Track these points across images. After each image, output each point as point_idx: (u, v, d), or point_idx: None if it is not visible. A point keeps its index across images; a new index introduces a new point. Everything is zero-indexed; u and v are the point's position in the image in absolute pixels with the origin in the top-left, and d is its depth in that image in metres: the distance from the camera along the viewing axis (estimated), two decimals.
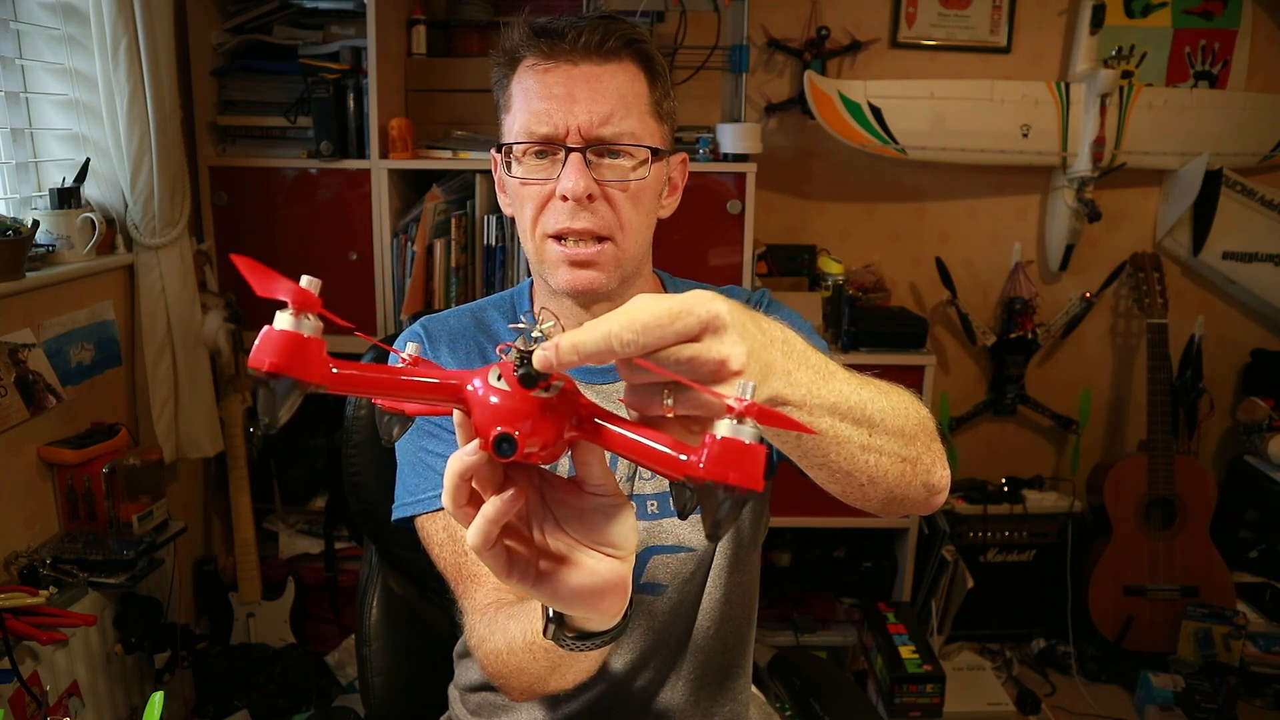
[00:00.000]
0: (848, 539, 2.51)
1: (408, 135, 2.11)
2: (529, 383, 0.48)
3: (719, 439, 0.45)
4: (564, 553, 0.55)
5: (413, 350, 0.54)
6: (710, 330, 0.49)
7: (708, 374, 0.49)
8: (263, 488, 2.29)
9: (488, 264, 2.15)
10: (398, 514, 0.98)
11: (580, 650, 0.62)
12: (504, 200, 1.01)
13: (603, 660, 0.76)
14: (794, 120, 2.56)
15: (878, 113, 2.42)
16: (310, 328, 0.44)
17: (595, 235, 0.91)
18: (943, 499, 0.79)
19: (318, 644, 2.30)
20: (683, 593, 1.00)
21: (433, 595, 1.26)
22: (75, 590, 1.64)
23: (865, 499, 0.72)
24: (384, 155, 2.10)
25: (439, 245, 2.13)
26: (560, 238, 0.91)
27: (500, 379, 0.50)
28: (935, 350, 2.65)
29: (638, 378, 0.49)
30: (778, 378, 0.55)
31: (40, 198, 1.80)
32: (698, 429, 0.48)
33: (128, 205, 1.87)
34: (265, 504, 2.32)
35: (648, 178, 0.92)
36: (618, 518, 0.54)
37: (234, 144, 2.21)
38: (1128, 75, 2.47)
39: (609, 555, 0.55)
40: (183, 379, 2.00)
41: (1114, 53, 2.47)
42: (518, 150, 0.92)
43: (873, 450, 0.67)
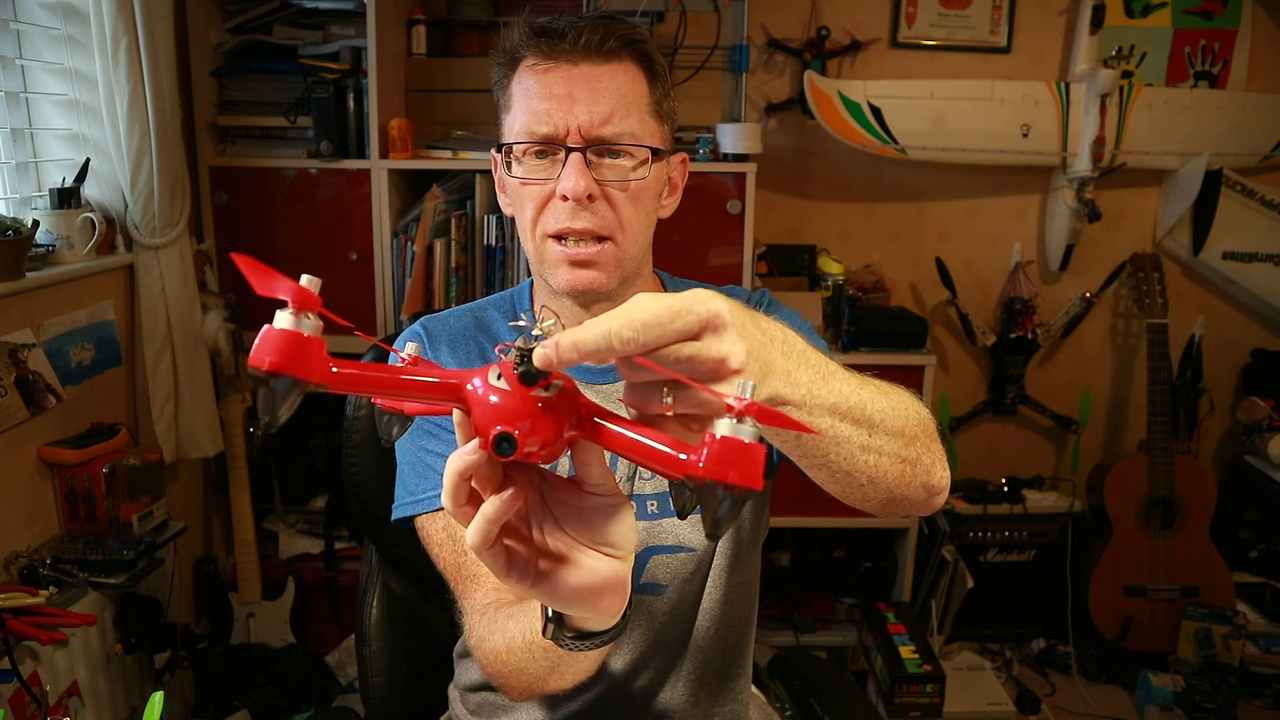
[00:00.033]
0: (848, 539, 2.50)
1: (408, 135, 2.11)
2: (529, 380, 0.48)
3: (719, 438, 0.45)
4: (563, 552, 0.55)
5: (412, 350, 0.54)
6: (710, 329, 0.49)
7: (707, 372, 0.49)
8: (263, 488, 2.29)
9: (488, 264, 2.15)
10: (397, 514, 0.98)
11: (579, 650, 0.62)
12: (504, 200, 1.01)
13: (602, 660, 0.76)
14: (794, 120, 2.56)
15: (878, 113, 2.42)
16: (310, 327, 0.44)
17: (595, 235, 0.91)
18: (942, 500, 0.79)
19: (318, 644, 2.30)
20: (683, 593, 1.00)
21: (433, 595, 1.26)
22: (75, 590, 1.64)
23: (865, 499, 0.72)
24: (384, 155, 2.11)
25: (439, 245, 2.13)
26: (560, 238, 0.91)
27: (500, 378, 0.50)
28: (935, 350, 2.65)
29: (637, 376, 0.49)
30: (777, 377, 0.55)
31: (40, 198, 1.80)
32: (697, 427, 0.48)
33: (128, 205, 1.88)
34: (265, 504, 2.32)
35: (648, 178, 0.92)
36: (617, 517, 0.54)
37: (234, 144, 2.21)
38: (1128, 75, 2.47)
39: (608, 555, 0.55)
40: (183, 379, 2.00)
41: (1114, 53, 2.47)
42: (518, 150, 0.92)
43: (872, 451, 0.67)
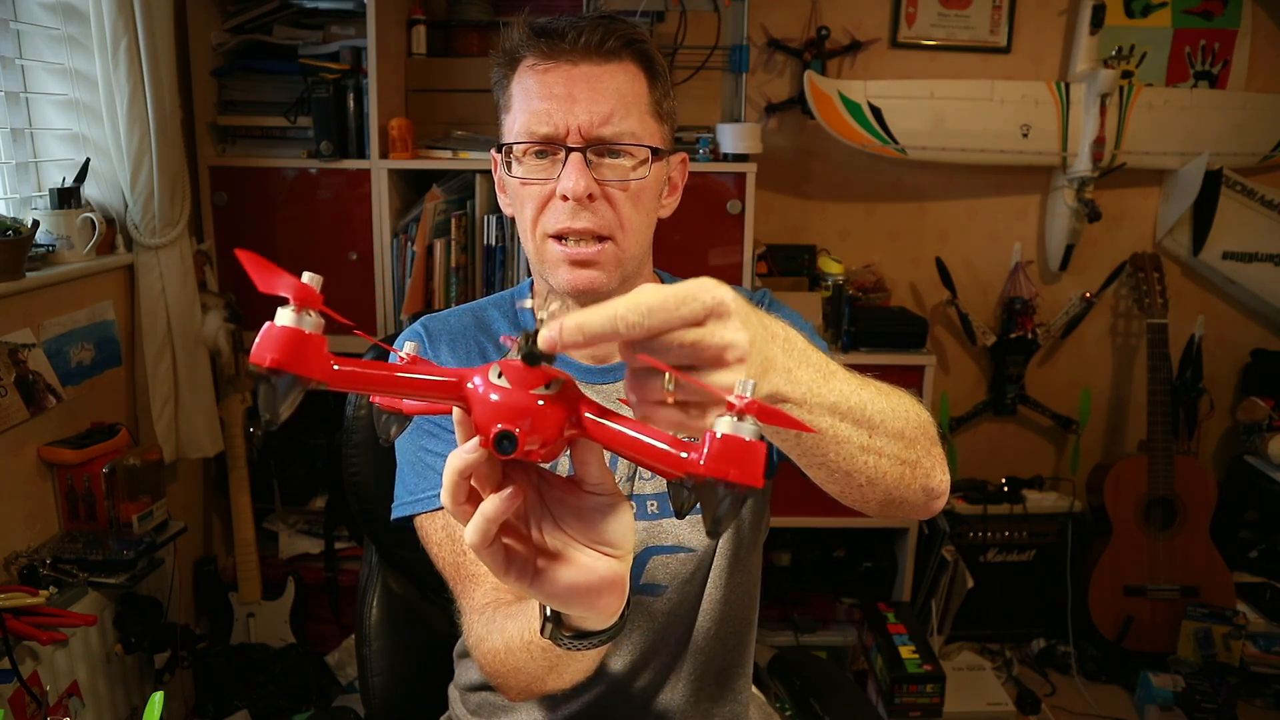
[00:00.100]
0: (848, 539, 2.50)
1: (408, 135, 2.11)
2: (533, 361, 0.48)
3: (719, 436, 0.45)
4: (562, 551, 0.55)
5: (411, 349, 0.54)
6: (714, 316, 0.49)
7: (710, 359, 0.49)
8: (263, 488, 2.29)
9: (488, 264, 2.15)
10: (397, 513, 0.98)
11: (578, 649, 0.62)
12: (504, 200, 1.01)
13: (600, 660, 0.76)
14: (794, 120, 2.56)
15: (878, 113, 2.42)
16: (311, 324, 0.44)
17: (596, 235, 0.91)
18: (941, 504, 0.79)
19: (318, 644, 2.30)
20: (682, 593, 1.00)
21: (433, 595, 1.26)
22: (75, 590, 1.64)
23: (864, 500, 0.72)
24: (384, 155, 2.10)
25: (439, 245, 2.13)
26: (561, 237, 0.91)
27: (500, 376, 0.49)
28: (935, 350, 2.65)
29: (640, 361, 0.49)
30: (778, 374, 0.55)
31: (40, 198, 1.80)
32: (697, 414, 0.48)
33: (128, 205, 1.88)
34: (265, 504, 2.32)
35: (648, 177, 0.93)
36: (615, 517, 0.54)
37: (234, 144, 2.21)
38: (1128, 75, 2.47)
39: (607, 554, 0.55)
40: (183, 379, 2.00)
41: (1114, 53, 2.47)
42: (518, 150, 0.92)
43: (872, 451, 0.67)
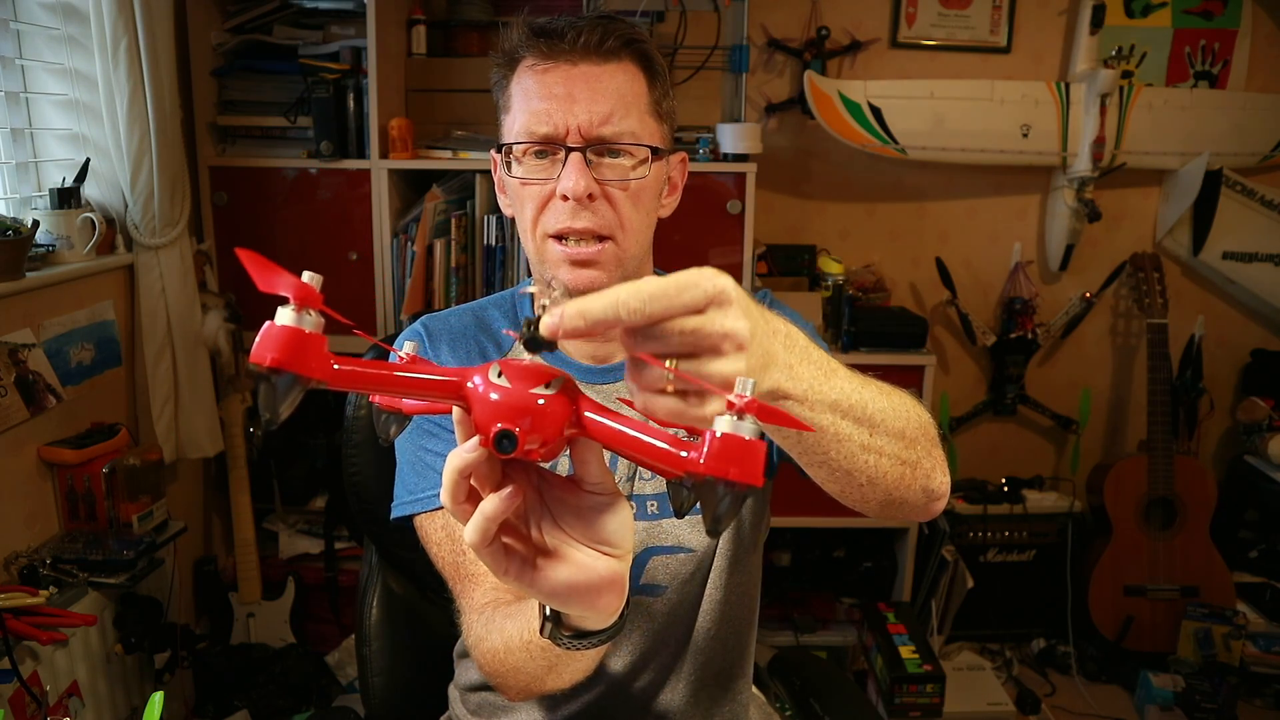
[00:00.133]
0: (848, 539, 2.50)
1: (408, 135, 2.11)
2: (534, 348, 0.48)
3: (719, 435, 0.45)
4: (561, 550, 0.55)
5: (410, 349, 0.54)
6: (715, 303, 0.49)
7: (711, 346, 0.49)
8: (263, 488, 2.29)
9: (488, 264, 2.15)
10: (396, 512, 0.98)
11: (577, 649, 0.62)
12: (504, 201, 1.01)
13: (600, 660, 0.76)
14: (794, 120, 2.56)
15: (878, 113, 2.42)
16: (312, 323, 0.44)
17: (596, 234, 0.91)
18: (942, 506, 0.79)
19: (318, 644, 2.30)
20: (682, 594, 1.00)
21: (433, 595, 1.26)
22: (75, 590, 1.64)
23: (864, 500, 0.72)
24: (384, 155, 2.10)
25: (439, 245, 2.13)
26: (561, 237, 0.91)
27: (500, 375, 0.50)
28: (935, 350, 2.65)
29: (640, 348, 0.49)
30: (779, 369, 0.55)
31: (40, 198, 1.80)
32: (697, 402, 0.49)
33: (128, 205, 1.88)
34: (265, 504, 2.32)
35: (648, 176, 0.92)
36: (615, 516, 0.54)
37: (234, 144, 2.21)
38: (1128, 75, 2.47)
39: (606, 553, 0.55)
40: (183, 379, 2.00)
41: (1114, 53, 2.47)
42: (518, 150, 0.92)
43: (873, 450, 0.67)
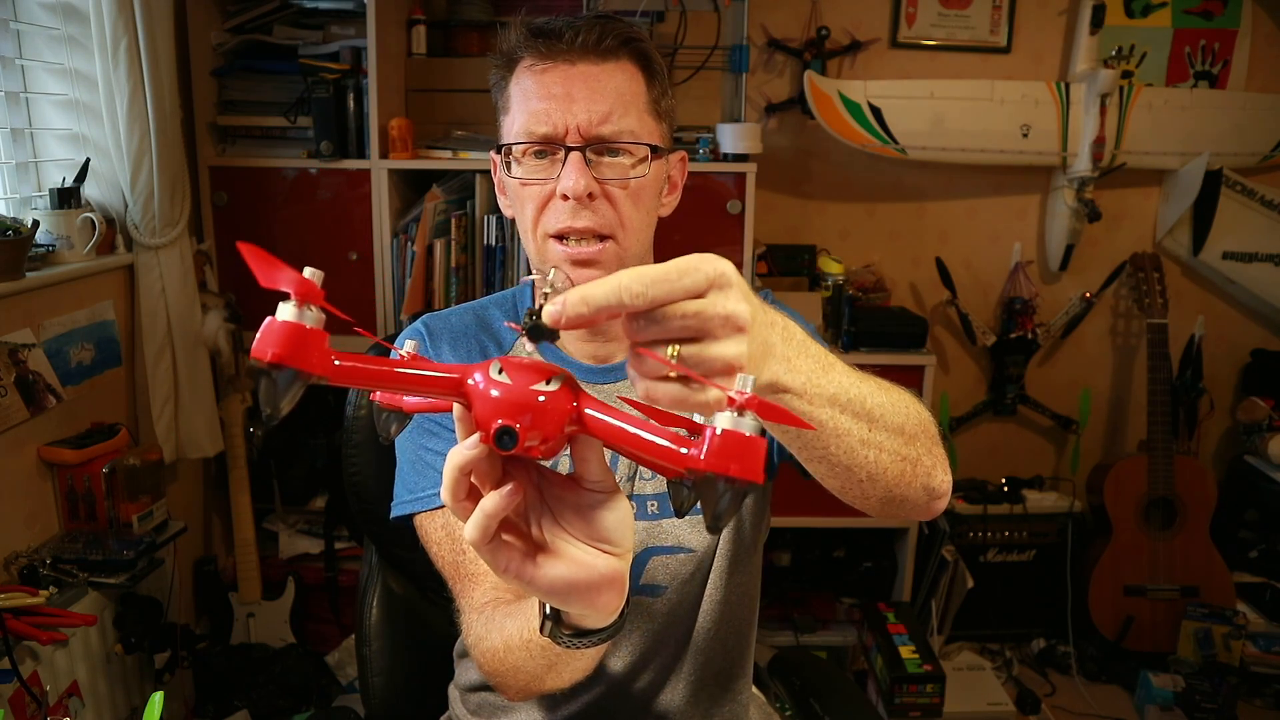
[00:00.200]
0: (848, 539, 2.50)
1: (408, 135, 2.11)
2: (537, 336, 0.48)
3: (719, 431, 0.45)
4: (561, 549, 0.55)
5: (411, 348, 0.54)
6: (716, 287, 0.50)
7: (712, 329, 0.49)
8: (263, 488, 2.29)
9: (488, 264, 2.15)
10: (396, 511, 0.98)
11: (577, 648, 0.62)
12: (504, 202, 1.01)
13: (600, 660, 0.76)
14: (794, 120, 2.56)
15: (878, 113, 2.42)
16: (313, 319, 0.44)
17: (596, 234, 0.91)
18: (943, 505, 0.78)
19: (318, 644, 2.30)
20: (682, 594, 1.00)
21: (433, 595, 1.26)
22: (75, 590, 1.64)
23: (864, 496, 0.72)
24: (384, 155, 2.11)
25: (439, 245, 2.13)
26: (562, 237, 0.91)
27: (501, 372, 0.50)
28: (935, 350, 2.65)
29: (642, 334, 0.50)
30: (777, 361, 0.55)
31: (40, 198, 1.80)
32: (699, 388, 0.49)
33: (128, 205, 1.88)
34: (265, 504, 2.32)
35: (647, 175, 0.92)
36: (615, 514, 0.54)
37: (234, 144, 2.21)
38: (1128, 75, 2.47)
39: (606, 552, 0.55)
40: (183, 379, 2.00)
41: (1114, 53, 2.47)
42: (517, 151, 0.92)
43: (873, 446, 0.67)
